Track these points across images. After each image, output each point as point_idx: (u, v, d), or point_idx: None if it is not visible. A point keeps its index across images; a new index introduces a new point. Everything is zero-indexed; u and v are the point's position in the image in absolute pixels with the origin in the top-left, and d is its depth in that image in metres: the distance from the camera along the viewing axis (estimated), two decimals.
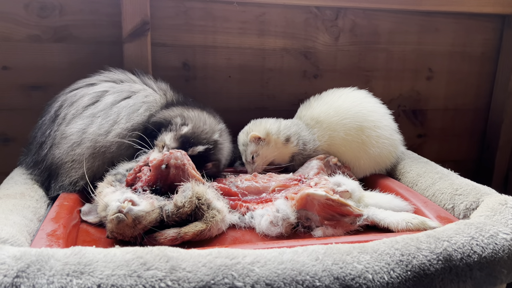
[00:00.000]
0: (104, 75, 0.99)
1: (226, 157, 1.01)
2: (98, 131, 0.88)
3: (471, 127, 1.51)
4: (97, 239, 0.74)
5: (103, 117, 0.90)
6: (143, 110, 0.94)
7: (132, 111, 0.93)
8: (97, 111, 0.90)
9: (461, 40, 1.41)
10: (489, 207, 0.73)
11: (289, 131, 1.02)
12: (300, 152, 1.02)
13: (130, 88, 0.97)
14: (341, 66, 1.34)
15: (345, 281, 0.54)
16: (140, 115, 0.93)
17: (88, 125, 0.88)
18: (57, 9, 1.11)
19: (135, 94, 0.96)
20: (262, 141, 1.00)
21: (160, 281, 0.50)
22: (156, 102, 0.98)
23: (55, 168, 0.87)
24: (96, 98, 0.92)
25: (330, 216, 0.78)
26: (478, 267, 0.60)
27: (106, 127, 0.89)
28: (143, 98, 0.96)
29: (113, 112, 0.91)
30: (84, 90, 0.93)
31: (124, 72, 1.01)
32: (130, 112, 0.92)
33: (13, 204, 0.74)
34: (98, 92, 0.93)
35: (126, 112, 0.92)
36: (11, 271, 0.49)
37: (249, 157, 1.01)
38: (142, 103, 0.95)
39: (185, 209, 0.73)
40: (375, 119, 1.02)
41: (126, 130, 0.90)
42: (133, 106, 0.93)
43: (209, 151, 0.92)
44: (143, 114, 0.94)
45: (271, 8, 1.24)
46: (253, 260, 0.54)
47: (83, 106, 0.91)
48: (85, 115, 0.89)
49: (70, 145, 0.86)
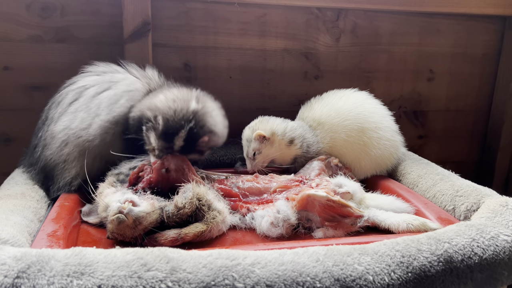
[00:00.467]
0: (87, 70, 0.95)
1: (219, 123, 0.92)
2: (81, 125, 0.86)
3: (472, 128, 1.51)
4: (98, 239, 0.75)
5: (85, 111, 0.87)
6: (124, 101, 0.90)
7: (114, 101, 0.89)
8: (80, 105, 0.88)
9: (462, 41, 1.41)
10: (490, 208, 0.73)
11: (294, 133, 1.01)
12: (303, 154, 1.02)
13: (111, 78, 0.93)
14: (342, 67, 1.34)
15: (346, 283, 0.54)
16: (122, 106, 0.89)
17: (72, 121, 0.86)
18: (58, 10, 1.12)
19: (115, 84, 0.92)
20: (266, 140, 1.00)
21: (161, 282, 0.50)
22: (138, 90, 0.93)
23: (50, 170, 0.87)
24: (79, 93, 0.90)
25: (330, 217, 0.78)
26: (479, 269, 0.60)
27: (88, 120, 0.86)
28: (124, 87, 0.92)
29: (94, 105, 0.88)
30: (68, 88, 0.91)
31: (108, 65, 0.97)
32: (111, 103, 0.88)
33: (14, 204, 0.74)
34: (81, 87, 0.91)
35: (107, 103, 0.88)
36: (12, 272, 0.49)
37: (250, 154, 1.01)
38: (123, 93, 0.91)
39: (186, 210, 0.73)
40: (376, 120, 1.02)
41: (107, 122, 0.87)
42: (114, 97, 0.90)
43: (193, 128, 0.83)
44: (125, 105, 0.90)
45: (272, 9, 1.24)
46: (254, 261, 0.54)
47: (67, 103, 0.89)
48: (69, 112, 0.87)
49: (59, 145, 0.85)
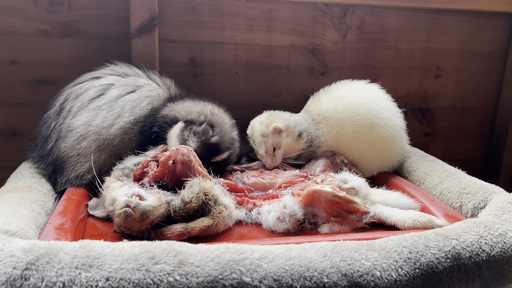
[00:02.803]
0: (109, 68, 0.99)
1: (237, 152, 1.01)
2: (103, 123, 0.88)
3: (479, 126, 1.50)
4: (104, 233, 0.75)
5: (108, 110, 0.90)
6: (145, 104, 0.94)
7: (136, 105, 0.93)
8: (102, 104, 0.90)
9: (469, 38, 1.40)
10: (497, 206, 0.72)
11: (302, 126, 1.00)
12: (307, 148, 1.01)
13: (135, 82, 0.97)
14: (349, 63, 1.34)
15: (353, 278, 0.54)
16: (142, 109, 0.93)
17: (93, 118, 0.88)
18: (65, 4, 1.12)
19: (139, 89, 0.96)
20: (284, 133, 0.98)
21: (168, 275, 0.50)
22: (159, 96, 0.98)
23: (61, 162, 0.87)
24: (102, 91, 0.92)
25: (336, 213, 0.78)
26: (487, 266, 0.60)
27: (110, 120, 0.89)
28: (147, 92, 0.96)
29: (118, 106, 0.91)
30: (89, 83, 0.94)
31: (129, 66, 1.01)
32: (134, 106, 0.92)
33: (21, 197, 0.74)
34: (104, 85, 0.93)
35: (130, 106, 0.92)
36: (21, 264, 0.50)
37: (270, 149, 0.97)
38: (145, 97, 0.95)
39: (192, 205, 0.73)
40: (387, 117, 0.99)
41: (128, 123, 0.90)
42: (137, 100, 0.93)
43: (230, 155, 0.94)
44: (145, 107, 0.94)
45: (279, 5, 1.24)
46: (261, 256, 0.54)
47: (88, 98, 0.91)
48: (90, 108, 0.89)
49: (76, 138, 0.87)
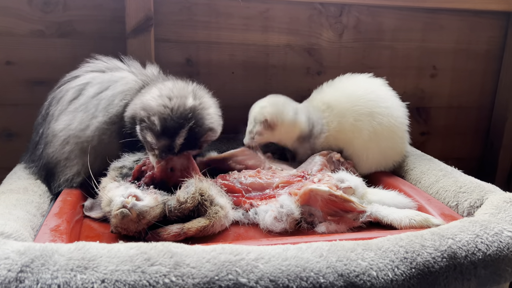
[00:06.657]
0: (90, 65, 0.94)
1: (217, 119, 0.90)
2: (80, 126, 0.85)
3: (475, 125, 1.51)
4: (100, 234, 0.74)
5: (84, 111, 0.86)
6: (118, 101, 0.89)
7: (110, 102, 0.88)
8: (79, 105, 0.87)
9: (465, 37, 1.41)
10: (493, 204, 0.72)
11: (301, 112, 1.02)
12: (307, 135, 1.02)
13: (111, 77, 0.91)
14: (345, 63, 1.34)
15: (349, 278, 0.54)
16: (116, 106, 0.88)
17: (71, 121, 0.86)
18: (60, 4, 1.11)
19: (114, 84, 0.90)
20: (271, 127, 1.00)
21: (164, 276, 0.50)
22: (132, 89, 0.91)
23: (52, 167, 0.86)
24: (79, 91, 0.89)
25: (333, 212, 0.78)
26: (483, 265, 0.60)
27: (86, 122, 0.86)
28: (120, 87, 0.90)
29: (92, 106, 0.87)
30: (69, 84, 0.90)
31: (110, 60, 0.96)
32: (108, 104, 0.88)
33: (17, 199, 0.74)
34: (81, 84, 0.90)
35: (104, 104, 0.87)
36: (15, 266, 0.49)
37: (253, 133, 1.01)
38: (118, 93, 0.89)
39: (188, 205, 0.73)
40: (388, 105, 1.00)
41: (104, 123, 0.86)
42: (111, 97, 0.89)
43: (194, 127, 0.82)
44: (119, 104, 0.88)
45: (275, 4, 1.24)
46: (257, 257, 0.54)
47: (67, 101, 0.88)
48: (69, 111, 0.87)
49: (61, 143, 0.85)
